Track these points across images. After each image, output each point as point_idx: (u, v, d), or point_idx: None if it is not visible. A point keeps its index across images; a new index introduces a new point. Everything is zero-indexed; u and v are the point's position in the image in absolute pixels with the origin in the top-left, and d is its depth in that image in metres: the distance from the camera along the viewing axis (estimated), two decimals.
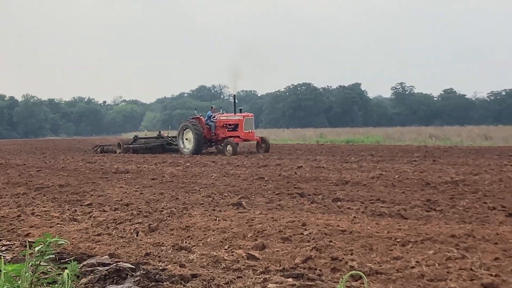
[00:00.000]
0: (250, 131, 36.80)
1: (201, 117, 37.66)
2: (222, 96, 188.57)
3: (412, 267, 9.03)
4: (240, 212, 14.13)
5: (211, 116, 37.99)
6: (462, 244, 10.36)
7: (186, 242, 11.25)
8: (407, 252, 9.92)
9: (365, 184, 19.44)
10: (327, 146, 50.34)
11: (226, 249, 10.55)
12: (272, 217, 13.21)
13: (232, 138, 35.81)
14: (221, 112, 39.46)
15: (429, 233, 11.14)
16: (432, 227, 11.81)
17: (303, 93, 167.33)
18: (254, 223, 12.58)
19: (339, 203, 15.49)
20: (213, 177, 22.61)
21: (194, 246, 10.93)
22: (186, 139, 36.50)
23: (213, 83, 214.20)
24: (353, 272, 7.68)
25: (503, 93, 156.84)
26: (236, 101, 39.57)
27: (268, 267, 9.31)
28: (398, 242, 10.63)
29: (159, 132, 44.36)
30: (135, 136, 43.13)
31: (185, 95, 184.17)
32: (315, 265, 9.34)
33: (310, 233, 11.48)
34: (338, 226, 12.07)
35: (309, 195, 16.96)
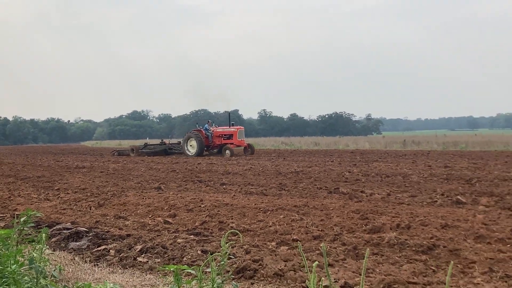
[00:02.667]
0: (241, 139, 35.06)
1: (201, 129, 35.60)
2: (148, 117, 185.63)
3: (270, 226, 9.22)
4: (159, 193, 14.09)
5: (207, 128, 35.81)
6: (300, 211, 10.61)
7: (123, 213, 11.19)
8: (267, 217, 10.11)
9: (241, 174, 19.66)
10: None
11: (150, 217, 10.55)
12: (181, 196, 13.22)
13: (229, 145, 33.73)
14: (213, 125, 37.07)
15: (281, 204, 11.36)
16: (282, 201, 12.06)
17: (203, 115, 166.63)
18: (168, 200, 12.58)
19: (224, 186, 15.64)
20: (141, 170, 22.47)
21: (128, 215, 10.89)
22: (191, 145, 34.52)
23: (142, 108, 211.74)
24: (232, 230, 7.74)
25: (326, 116, 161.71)
26: (230, 118, 37.16)
27: (178, 228, 9.37)
28: (261, 210, 10.80)
29: (162, 140, 41.74)
30: (145, 143, 40.66)
31: (123, 116, 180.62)
32: (208, 226, 9.44)
33: (205, 206, 11.55)
34: (223, 201, 12.18)
35: (205, 181, 17.07)
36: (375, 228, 8.81)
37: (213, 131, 35.33)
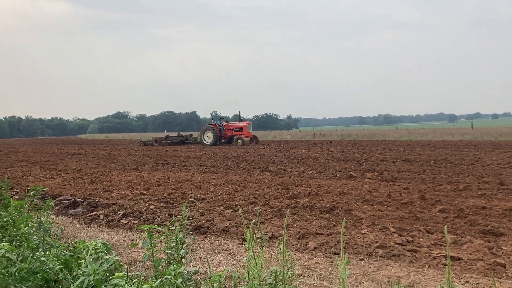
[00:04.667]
0: (249, 131, 32.43)
1: (216, 124, 33.11)
2: (128, 116, 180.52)
3: (219, 195, 9.17)
4: (137, 173, 13.76)
5: (220, 123, 33.02)
6: (241, 184, 10.60)
7: (109, 187, 10.85)
8: (216, 189, 10.04)
9: (197, 158, 19.43)
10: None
11: (130, 190, 10.28)
12: (153, 175, 12.97)
13: (240, 135, 31.23)
14: (224, 121, 33.94)
15: (227, 180, 11.31)
16: (228, 177, 12.01)
17: (169, 115, 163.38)
18: (144, 177, 12.31)
19: (185, 167, 15.41)
20: (123, 156, 21.85)
21: (113, 189, 10.58)
22: (207, 136, 31.75)
23: (123, 109, 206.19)
24: (190, 199, 7.67)
25: (260, 116, 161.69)
26: (240, 113, 35.02)
27: (151, 198, 9.18)
28: (212, 184, 10.73)
29: (178, 133, 38.70)
30: (167, 135, 37.40)
31: (110, 116, 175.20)
32: (174, 196, 9.30)
33: (171, 181, 11.38)
34: (185, 178, 12.03)
35: (171, 163, 16.77)
36: (293, 195, 8.91)
37: (225, 125, 32.96)
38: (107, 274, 3.54)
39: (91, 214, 7.71)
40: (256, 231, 6.10)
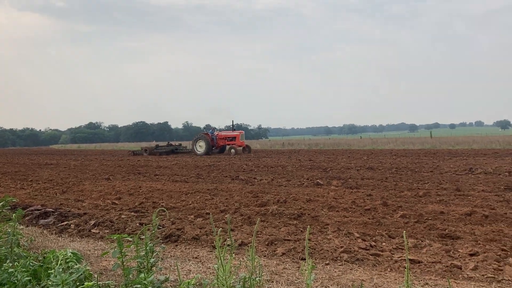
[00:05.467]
0: (242, 141, 31.05)
1: (208, 133, 31.43)
2: (100, 127, 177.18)
3: (190, 204, 9.08)
4: (108, 182, 13.49)
5: (213, 132, 31.70)
6: (212, 193, 10.53)
7: (81, 197, 10.59)
8: (188, 197, 9.95)
9: (169, 167, 19.22)
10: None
11: (101, 200, 10.06)
12: (124, 184, 12.73)
13: (233, 145, 29.90)
14: (216, 131, 32.45)
15: (198, 189, 11.22)
16: (199, 186, 11.92)
17: (142, 125, 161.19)
18: (115, 187, 12.08)
19: (157, 176, 15.20)
20: (95, 166, 21.40)
21: (85, 199, 10.32)
22: (200, 146, 30.43)
23: (96, 120, 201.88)
24: (160, 208, 7.57)
25: (231, 126, 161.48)
26: (233, 123, 33.81)
27: (122, 207, 9.01)
28: (183, 193, 10.62)
29: (168, 142, 37.64)
30: (157, 144, 36.34)
31: (82, 126, 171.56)
32: (145, 206, 9.15)
33: (142, 191, 11.20)
34: (156, 187, 11.86)
35: (142, 173, 16.53)
36: (263, 203, 8.91)
37: (217, 134, 31.78)
38: (77, 284, 3.44)
39: (62, 224, 7.50)
40: (227, 239, 6.07)
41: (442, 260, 4.89)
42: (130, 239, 3.77)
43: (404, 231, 2.68)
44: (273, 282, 4.33)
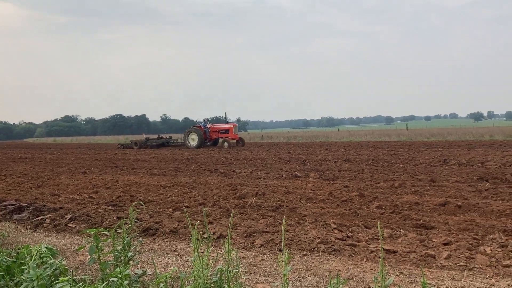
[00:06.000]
0: (236, 134, 30.37)
1: (200, 126, 30.56)
2: (76, 120, 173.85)
3: (168, 197, 9.03)
4: (85, 176, 13.29)
5: (205, 125, 30.88)
6: (190, 186, 10.49)
7: (57, 191, 10.41)
8: (166, 191, 9.88)
9: (147, 160, 19.05)
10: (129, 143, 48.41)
11: (78, 194, 9.92)
12: (102, 178, 12.56)
13: (226, 138, 29.12)
14: (209, 123, 31.68)
15: (176, 182, 11.15)
16: (177, 179, 11.84)
17: (119, 118, 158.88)
18: (92, 181, 11.90)
19: (134, 170, 15.05)
20: (72, 159, 21.05)
21: (61, 193, 10.15)
22: (192, 139, 29.58)
23: (72, 113, 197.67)
24: (137, 202, 7.49)
25: (210, 119, 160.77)
26: (226, 116, 32.71)
27: (99, 201, 8.90)
28: (161, 186, 10.55)
29: (159, 135, 36.47)
30: (147, 137, 34.90)
31: (58, 119, 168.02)
32: (122, 199, 9.06)
33: (120, 184, 11.08)
34: (134, 180, 11.74)
35: (120, 166, 16.33)
36: (241, 195, 8.92)
37: (210, 127, 31.00)
38: (52, 279, 3.39)
39: (37, 218, 7.35)
40: (205, 231, 6.06)
41: (416, 249, 4.98)
42: (107, 233, 3.72)
43: (379, 222, 2.72)
44: (251, 273, 4.35)
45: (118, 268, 3.16)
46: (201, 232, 6.01)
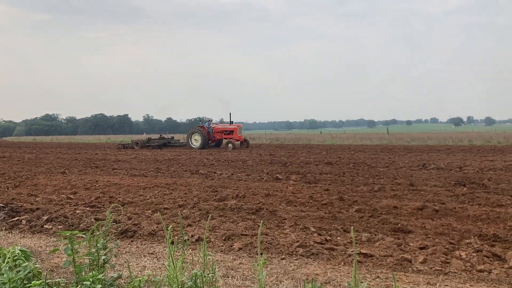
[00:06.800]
0: (240, 135, 29.47)
1: (204, 126, 29.73)
2: (57, 119, 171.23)
3: (148, 199, 8.94)
4: (64, 176, 13.09)
5: (209, 125, 29.92)
6: (170, 187, 10.41)
7: (34, 192, 10.19)
8: (146, 192, 9.78)
9: (128, 161, 18.85)
10: (110, 143, 47.92)
11: (56, 195, 9.73)
12: (81, 178, 12.39)
13: (230, 139, 28.37)
14: (212, 123, 30.80)
15: (156, 183, 11.06)
16: (158, 180, 11.75)
17: (100, 118, 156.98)
18: (71, 181, 11.73)
19: (115, 170, 14.87)
20: (51, 159, 20.70)
21: (39, 194, 9.95)
22: (195, 139, 28.82)
23: (53, 111, 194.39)
24: (118, 203, 7.42)
25: (192, 119, 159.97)
26: (230, 116, 30.81)
27: (78, 202, 8.75)
28: (141, 187, 10.44)
29: (161, 135, 35.02)
30: (149, 138, 33.75)
31: (38, 118, 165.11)
32: (101, 201, 8.92)
33: (99, 185, 10.93)
34: (114, 181, 11.60)
35: (100, 167, 16.12)
36: (222, 197, 8.89)
37: (213, 127, 30.00)
38: (25, 282, 3.32)
39: (13, 219, 7.19)
40: (183, 233, 6.02)
41: (393, 253, 5.04)
42: (83, 235, 3.67)
43: (352, 228, 2.73)
44: (228, 277, 4.33)
45: (91, 272, 3.11)
46: (180, 235, 5.98)
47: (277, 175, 12.54)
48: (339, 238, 5.76)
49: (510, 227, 6.14)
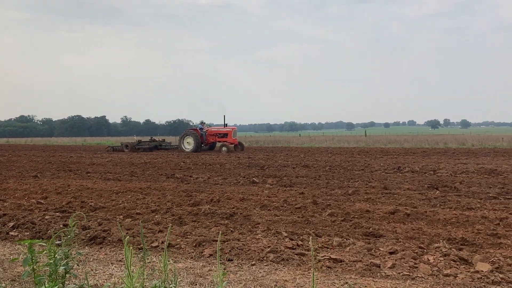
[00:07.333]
0: (235, 138, 28.80)
1: (197, 128, 28.84)
2: (33, 120, 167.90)
3: (120, 204, 8.78)
4: (36, 180, 12.80)
5: (201, 128, 28.97)
6: (144, 192, 10.28)
7: (2, 197, 9.89)
8: (118, 197, 9.63)
9: (103, 164, 18.56)
10: (87, 146, 47.13)
11: (26, 200, 9.48)
12: (53, 182, 12.14)
13: (224, 142, 27.73)
14: (205, 125, 29.71)
15: (130, 188, 10.92)
16: (132, 184, 11.60)
17: (77, 119, 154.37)
18: (42, 186, 11.47)
19: (88, 174, 14.63)
20: (23, 162, 20.24)
21: (7, 198, 9.66)
22: (187, 142, 27.94)
23: (28, 113, 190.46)
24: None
25: (172, 121, 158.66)
26: (225, 119, 30.13)
27: (48, 207, 8.54)
28: (114, 192, 10.28)
29: (151, 138, 33.84)
30: (139, 140, 32.76)
31: (12, 119, 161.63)
32: (72, 206, 8.73)
33: (71, 190, 10.72)
34: (86, 185, 11.40)
35: (74, 170, 15.83)
36: (196, 202, 8.81)
37: (207, 130, 29.23)
38: None
39: None
40: (154, 240, 5.93)
41: (363, 258, 5.05)
42: (44, 244, 3.56)
43: (311, 238, 2.73)
44: (196, 284, 4.28)
45: (47, 283, 3.02)
46: (149, 241, 5.89)
47: (254, 178, 12.51)
48: (310, 243, 5.74)
49: (478, 231, 6.24)
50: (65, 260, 3.34)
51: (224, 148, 27.18)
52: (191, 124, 30.39)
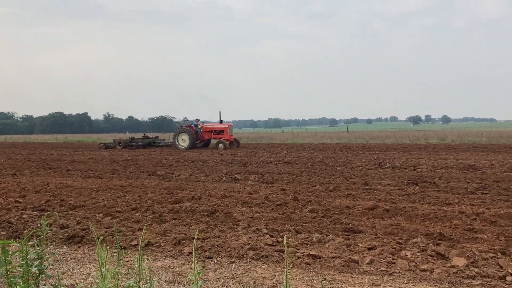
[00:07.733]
0: (231, 134, 28.33)
1: (191, 125, 28.45)
2: (12, 117, 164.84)
3: (100, 202, 8.68)
4: (14, 179, 12.59)
5: (196, 124, 28.57)
6: (125, 189, 10.18)
7: None
8: (98, 195, 9.51)
9: (84, 161, 18.33)
10: (68, 143, 46.53)
11: (3, 198, 9.28)
12: (32, 180, 11.94)
13: (221, 139, 27.20)
14: (200, 122, 29.16)
15: (110, 185, 10.79)
16: (113, 182, 11.47)
17: (59, 116, 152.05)
18: (21, 184, 11.28)
19: (69, 171, 14.43)
20: (2, 160, 19.87)
21: None
22: (182, 139, 27.48)
23: (8, 110, 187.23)
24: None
25: (155, 118, 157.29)
26: (220, 115, 29.63)
27: (26, 206, 8.38)
28: (94, 190, 10.15)
29: (144, 134, 33.05)
30: (132, 137, 32.16)
31: None
32: (51, 204, 8.58)
33: (50, 188, 10.55)
34: (66, 183, 11.25)
35: (54, 168, 15.61)
36: (177, 200, 8.75)
37: (202, 127, 28.83)
38: None
39: None
40: (134, 238, 5.88)
41: (342, 254, 5.08)
42: (16, 244, 3.49)
43: (285, 236, 2.72)
44: (175, 283, 4.25)
45: (21, 284, 2.96)
46: (128, 240, 5.83)
47: (236, 175, 12.49)
48: (290, 239, 5.75)
49: (455, 226, 6.33)
50: (39, 261, 3.28)
51: (220, 145, 26.84)
52: (174, 120, 30.02)
